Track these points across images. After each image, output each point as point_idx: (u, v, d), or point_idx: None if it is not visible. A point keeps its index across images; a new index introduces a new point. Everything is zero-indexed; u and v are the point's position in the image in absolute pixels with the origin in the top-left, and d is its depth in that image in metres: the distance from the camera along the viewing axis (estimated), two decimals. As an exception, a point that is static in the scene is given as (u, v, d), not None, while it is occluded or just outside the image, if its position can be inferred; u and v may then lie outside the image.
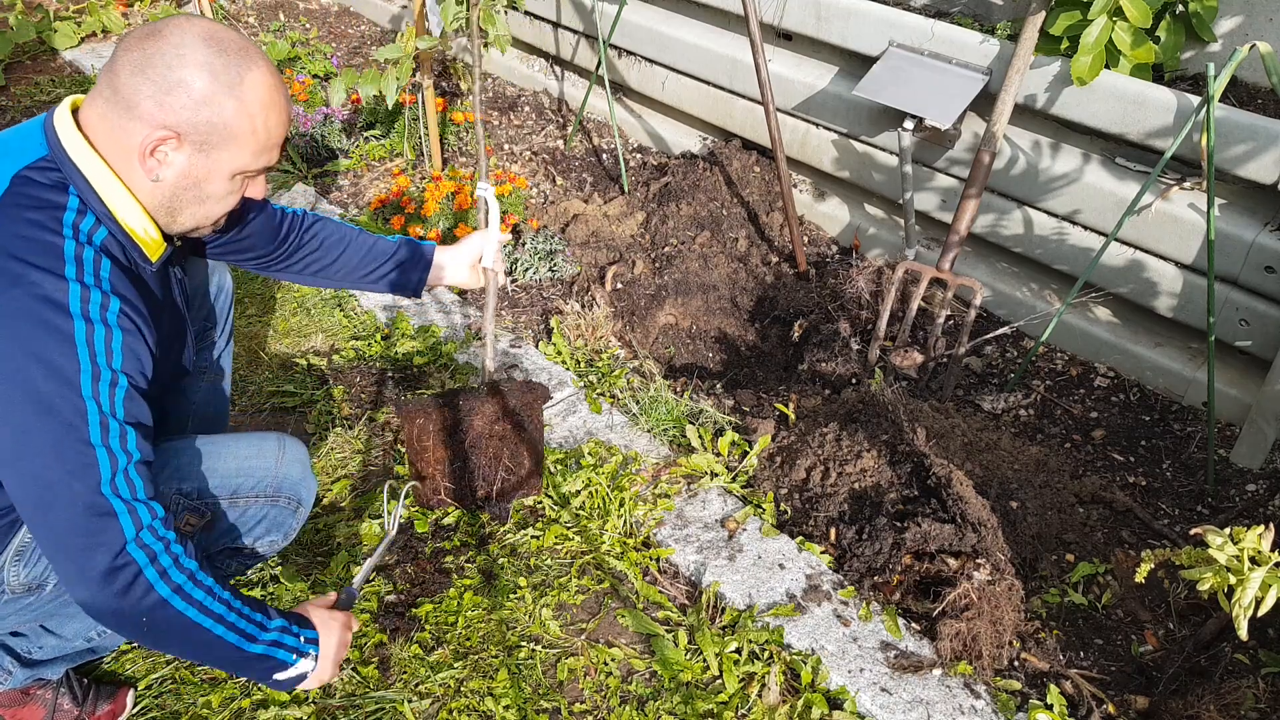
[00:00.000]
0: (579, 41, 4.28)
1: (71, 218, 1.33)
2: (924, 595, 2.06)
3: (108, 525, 1.27)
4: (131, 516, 1.30)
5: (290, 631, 1.47)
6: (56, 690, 1.78)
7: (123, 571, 1.28)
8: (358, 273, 1.99)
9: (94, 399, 1.27)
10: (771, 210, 3.56)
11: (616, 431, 2.56)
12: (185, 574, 1.34)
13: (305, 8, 5.73)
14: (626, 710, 1.86)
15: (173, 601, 1.32)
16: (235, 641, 1.38)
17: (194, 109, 1.33)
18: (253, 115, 1.37)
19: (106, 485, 1.28)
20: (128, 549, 1.29)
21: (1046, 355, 3.02)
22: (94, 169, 1.36)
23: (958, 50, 2.93)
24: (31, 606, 1.59)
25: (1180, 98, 2.52)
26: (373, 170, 3.98)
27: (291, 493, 1.73)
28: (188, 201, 1.43)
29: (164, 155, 1.36)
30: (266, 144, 1.42)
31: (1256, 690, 1.86)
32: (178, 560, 1.34)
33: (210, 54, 1.33)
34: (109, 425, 1.29)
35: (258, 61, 1.38)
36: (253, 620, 1.42)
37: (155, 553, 1.32)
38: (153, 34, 1.33)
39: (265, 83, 1.38)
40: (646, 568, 2.18)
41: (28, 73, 4.97)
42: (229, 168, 1.40)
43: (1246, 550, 1.60)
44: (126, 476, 1.30)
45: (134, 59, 1.32)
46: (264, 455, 1.73)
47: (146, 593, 1.30)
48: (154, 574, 1.31)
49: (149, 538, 1.31)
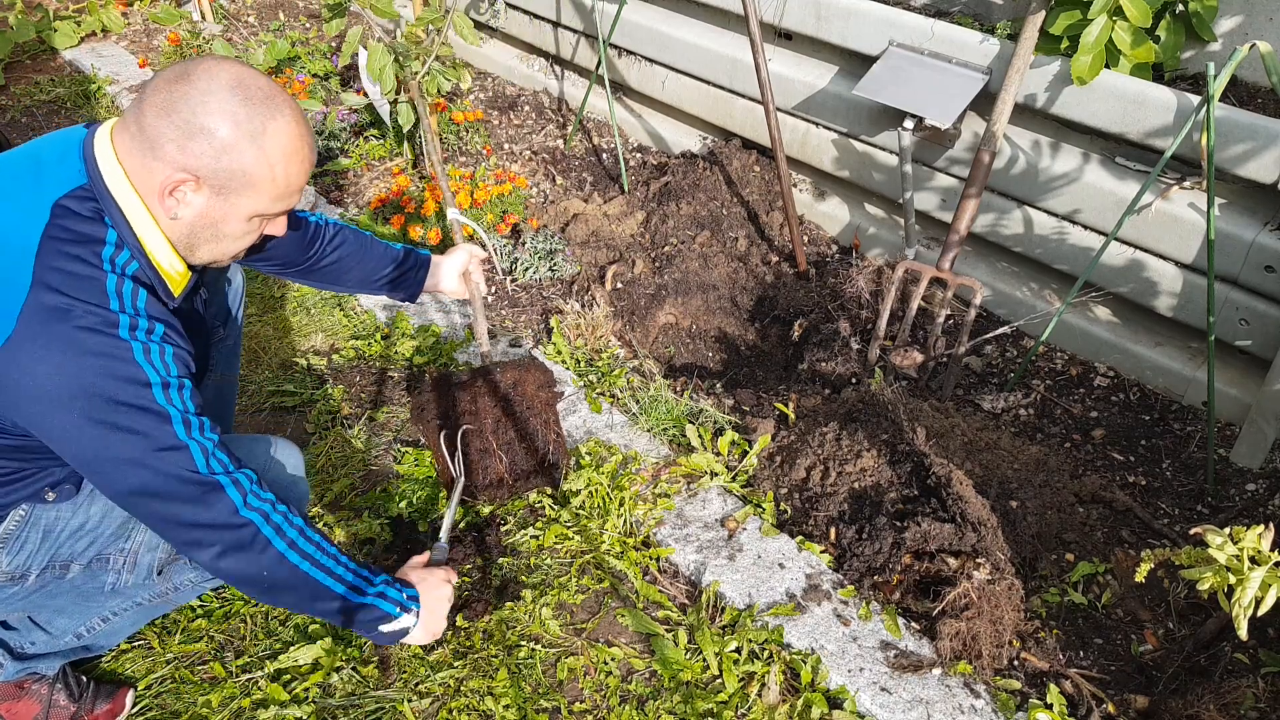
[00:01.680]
0: (579, 41, 4.28)
1: (110, 252, 1.38)
2: (924, 595, 2.06)
3: (218, 497, 1.41)
4: (236, 486, 1.43)
5: (394, 586, 1.62)
6: (52, 686, 1.79)
7: (243, 530, 1.43)
8: (364, 279, 2.06)
9: (169, 403, 1.38)
10: (771, 210, 3.56)
11: (616, 431, 2.56)
12: (296, 529, 1.49)
13: (305, 7, 5.73)
14: (626, 710, 1.86)
15: (289, 555, 1.46)
16: (343, 592, 1.52)
17: (215, 156, 1.37)
18: (273, 164, 1.41)
19: (204, 467, 1.40)
20: (241, 512, 1.43)
21: (1046, 355, 3.02)
22: (130, 204, 1.41)
23: (958, 50, 2.93)
24: (17, 596, 1.60)
25: (1180, 97, 2.52)
26: (373, 170, 3.98)
27: (280, 494, 1.73)
28: (205, 239, 1.47)
29: (183, 195, 1.40)
30: (286, 191, 1.46)
31: (1256, 690, 1.86)
32: (286, 517, 1.48)
33: (235, 103, 1.36)
34: (189, 421, 1.40)
35: (283, 110, 1.41)
36: (359, 574, 1.56)
37: (266, 513, 1.45)
38: (182, 76, 1.36)
39: (288, 132, 1.41)
40: (646, 567, 2.18)
41: (27, 72, 4.97)
42: (246, 211, 1.44)
43: (1246, 550, 1.60)
44: (216, 457, 1.42)
45: (161, 101, 1.36)
46: (254, 456, 1.77)
47: (265, 548, 1.44)
48: (270, 530, 1.45)
49: (255, 500, 1.45)
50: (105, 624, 1.75)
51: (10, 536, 1.54)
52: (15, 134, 4.30)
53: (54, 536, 1.59)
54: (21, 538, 1.56)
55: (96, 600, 1.70)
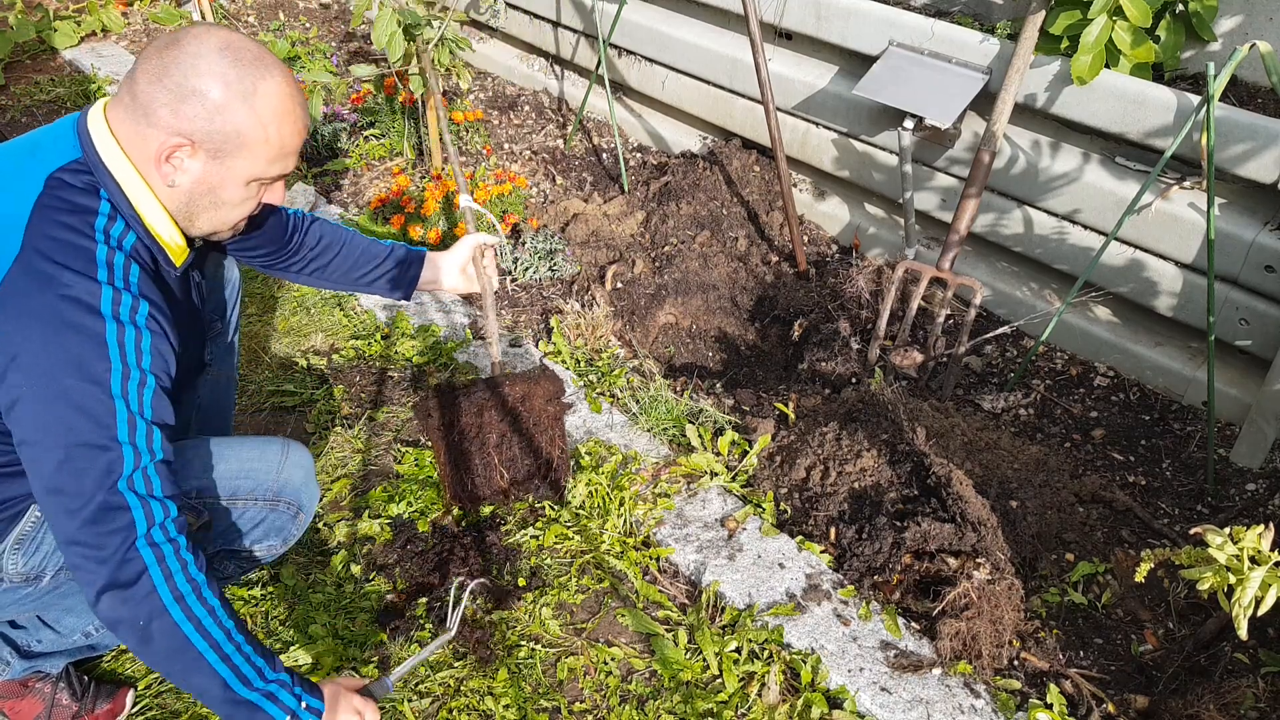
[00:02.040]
0: (579, 41, 4.28)
1: (103, 223, 1.37)
2: (924, 595, 2.06)
3: (120, 518, 1.28)
4: (145, 514, 1.31)
5: (291, 690, 1.37)
6: (55, 685, 1.79)
7: (129, 566, 1.28)
8: (352, 274, 2.03)
9: (123, 397, 1.31)
10: (771, 209, 3.56)
11: (616, 431, 2.56)
12: (190, 584, 1.32)
13: (305, 7, 5.73)
14: (626, 709, 1.86)
15: (172, 611, 1.29)
16: (226, 676, 1.31)
17: (208, 118, 1.36)
18: (265, 124, 1.40)
19: (124, 481, 1.29)
20: (136, 545, 1.29)
21: (1046, 355, 3.02)
22: (125, 173, 1.40)
23: (958, 49, 2.93)
24: (30, 597, 1.59)
25: (1180, 97, 2.52)
26: (373, 170, 3.98)
27: (292, 498, 1.73)
28: (204, 207, 1.46)
29: (179, 161, 1.40)
30: (280, 152, 1.45)
31: (1256, 689, 1.86)
32: (185, 567, 1.32)
33: (225, 64, 1.36)
34: (136, 423, 1.32)
35: (273, 71, 1.41)
36: (252, 661, 1.35)
37: (164, 554, 1.31)
38: (171, 43, 1.37)
39: (279, 92, 1.41)
40: (646, 567, 2.18)
41: (27, 72, 4.97)
42: (243, 175, 1.44)
43: (1246, 550, 1.60)
44: (145, 474, 1.32)
45: (152, 67, 1.36)
46: (266, 459, 1.72)
47: (149, 594, 1.29)
48: (160, 575, 1.30)
49: (160, 536, 1.31)
50: None
51: (26, 537, 1.53)
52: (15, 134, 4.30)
53: None
54: (37, 539, 1.54)
55: None
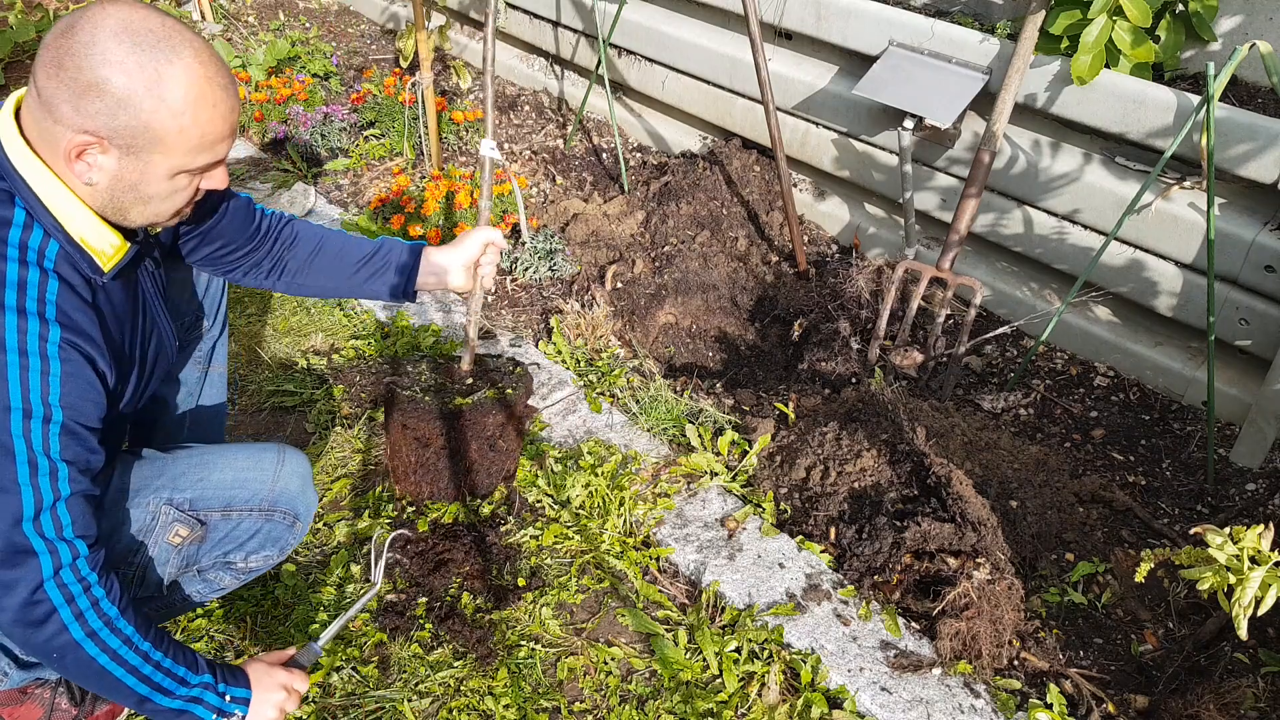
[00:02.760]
0: (579, 40, 4.28)
1: (18, 235, 1.26)
2: (924, 594, 2.06)
3: (25, 561, 1.26)
4: (51, 555, 1.27)
5: (214, 690, 1.44)
6: (54, 690, 1.78)
7: (38, 608, 1.27)
8: (337, 277, 1.86)
9: (23, 437, 1.23)
10: (771, 209, 3.56)
11: (616, 431, 2.56)
12: (102, 619, 1.32)
13: (305, 6, 5.73)
14: (626, 709, 1.86)
15: (85, 646, 1.31)
16: (147, 693, 1.37)
17: (110, 113, 1.23)
18: (178, 114, 1.25)
19: (28, 523, 1.25)
20: (44, 587, 1.27)
21: (1046, 354, 3.02)
22: (38, 176, 1.28)
23: (958, 49, 2.93)
24: None
25: (1180, 97, 2.52)
26: (372, 169, 3.98)
27: (289, 507, 1.69)
28: (130, 202, 1.34)
29: (92, 159, 1.27)
30: (202, 142, 1.30)
31: (1256, 689, 1.87)
32: (97, 604, 1.32)
33: (125, 49, 1.21)
34: (37, 463, 1.25)
35: (180, 52, 1.25)
36: (172, 674, 1.40)
37: (73, 594, 1.29)
38: (67, 29, 1.22)
39: (190, 75, 1.25)
40: (646, 567, 2.18)
41: (27, 71, 4.96)
42: (164, 169, 1.30)
43: (1246, 549, 1.60)
44: (53, 513, 1.27)
45: (49, 58, 1.22)
46: (261, 467, 1.68)
47: (59, 632, 1.29)
48: (69, 615, 1.29)
49: (69, 577, 1.29)
50: None
51: None
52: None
53: None
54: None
55: None
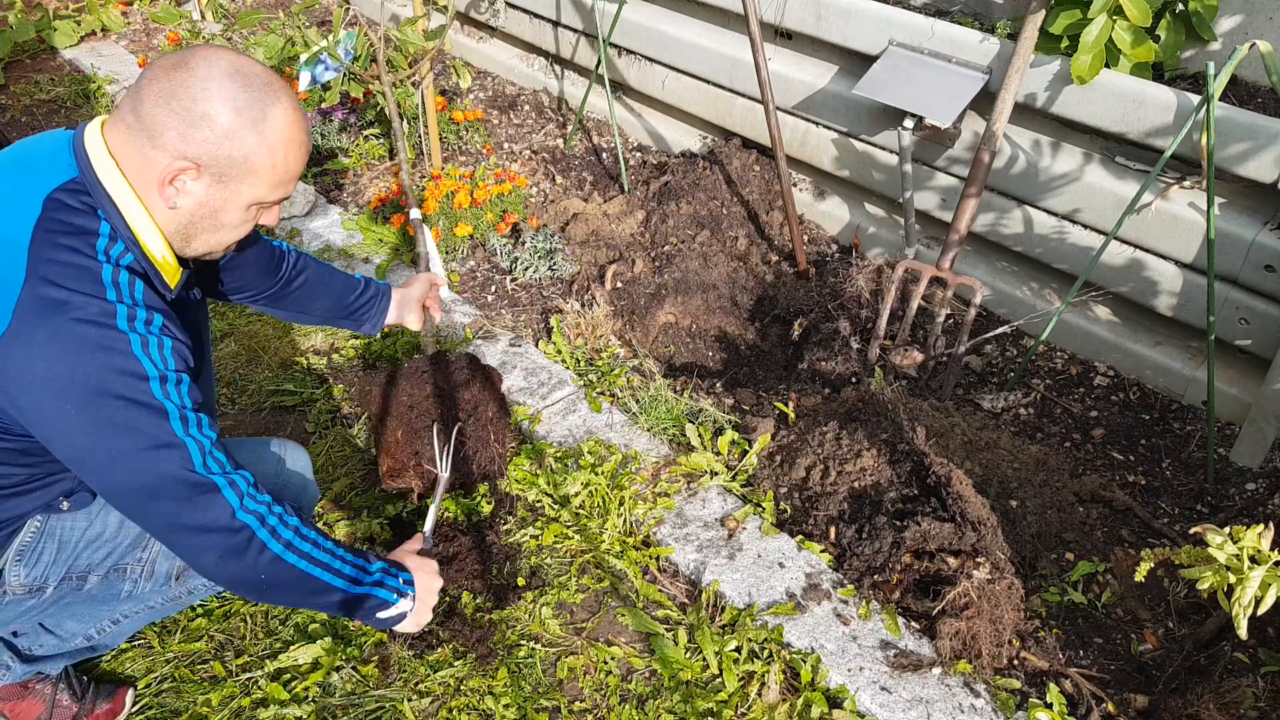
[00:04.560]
0: (579, 40, 4.27)
1: (104, 244, 1.36)
2: (924, 594, 2.06)
3: (215, 500, 1.38)
4: (232, 488, 1.40)
5: (391, 574, 1.59)
6: (55, 686, 1.79)
7: (238, 535, 1.39)
8: (334, 308, 2.04)
9: (167, 398, 1.35)
10: (771, 209, 3.56)
11: (616, 430, 2.56)
12: (291, 530, 1.46)
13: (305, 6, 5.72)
14: (626, 709, 1.86)
15: (285, 556, 1.43)
16: (343, 586, 1.51)
17: (216, 143, 1.36)
18: (274, 150, 1.40)
19: (201, 467, 1.37)
20: (238, 515, 1.39)
21: (1046, 354, 3.02)
22: (123, 195, 1.39)
23: (958, 49, 2.93)
24: (35, 609, 1.59)
25: (1180, 96, 2.52)
26: (373, 169, 3.98)
27: (292, 500, 1.75)
28: (203, 229, 1.46)
29: (183, 184, 1.39)
30: (284, 178, 1.45)
31: (1256, 689, 1.87)
32: (282, 518, 1.45)
33: (236, 89, 1.35)
34: (187, 417, 1.37)
35: (281, 97, 1.40)
36: (356, 565, 1.54)
37: (261, 515, 1.42)
38: (180, 65, 1.35)
39: (288, 118, 1.41)
40: (646, 566, 2.18)
41: (27, 71, 4.97)
42: (246, 199, 1.43)
43: (1246, 549, 1.60)
44: (213, 456, 1.39)
45: (160, 89, 1.34)
46: (264, 462, 1.74)
47: (261, 551, 1.41)
48: (266, 534, 1.42)
49: (251, 503, 1.42)
50: (116, 626, 1.75)
51: (27, 549, 1.53)
52: (15, 133, 4.30)
53: (70, 547, 1.57)
54: (38, 549, 1.54)
55: (110, 605, 1.69)
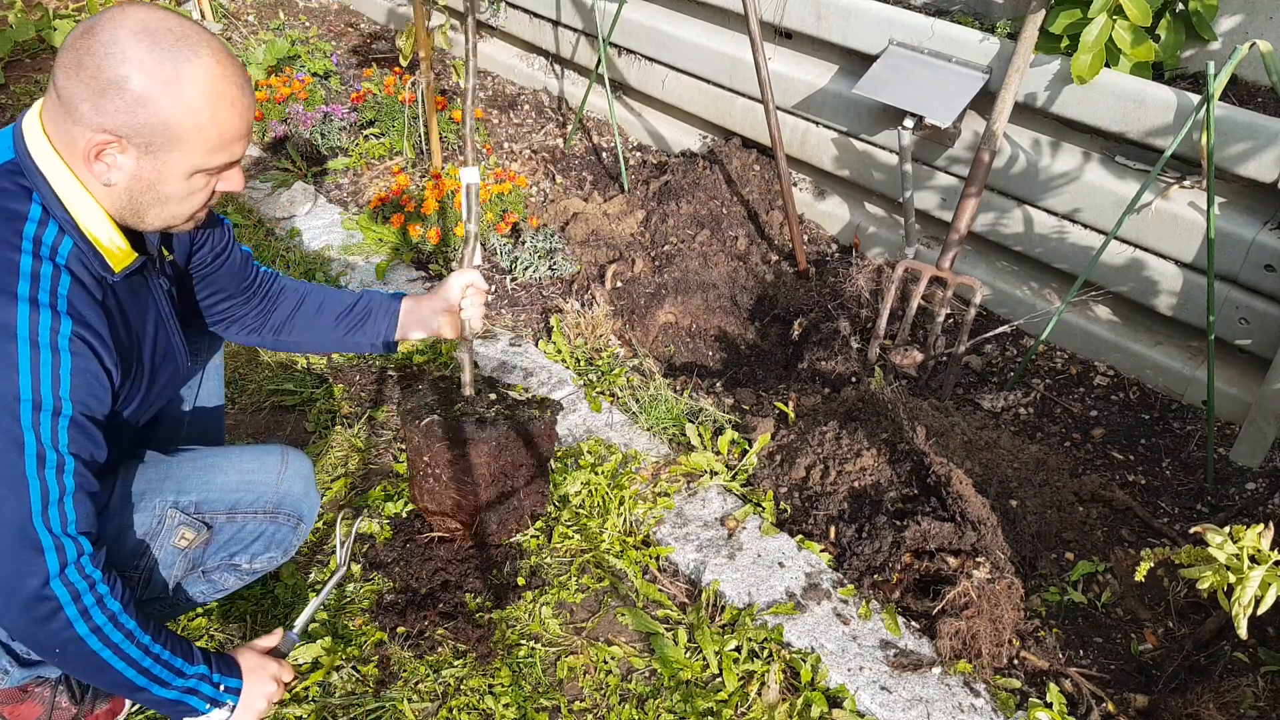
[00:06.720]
0: (579, 40, 4.27)
1: (33, 229, 1.28)
2: (924, 594, 2.06)
3: (33, 558, 1.26)
4: (58, 551, 1.28)
5: (209, 680, 1.48)
6: (55, 688, 1.78)
7: (44, 604, 1.28)
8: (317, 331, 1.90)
9: (33, 429, 1.24)
10: (771, 209, 3.56)
11: (616, 430, 2.56)
12: (106, 615, 1.34)
13: (305, 6, 5.73)
14: (626, 708, 1.87)
15: (89, 641, 1.32)
16: (145, 685, 1.40)
17: (130, 111, 1.26)
18: (196, 112, 1.28)
19: (37, 517, 1.25)
20: (51, 584, 1.28)
21: (1046, 354, 3.02)
22: (57, 174, 1.31)
23: (958, 49, 2.93)
24: None
25: (1180, 96, 2.52)
26: (373, 169, 3.98)
27: (292, 509, 1.71)
28: (148, 203, 1.36)
29: (112, 159, 1.30)
30: (220, 141, 1.33)
31: (1256, 688, 1.87)
32: (101, 601, 1.33)
33: (143, 49, 1.25)
34: (45, 456, 1.25)
35: (199, 51, 1.28)
36: (170, 666, 1.43)
37: (79, 591, 1.31)
38: (87, 31, 1.25)
39: (209, 74, 1.28)
40: (646, 566, 2.18)
41: (27, 71, 4.97)
42: (182, 169, 1.33)
43: (1246, 549, 1.60)
44: (60, 509, 1.28)
45: (69, 59, 1.26)
46: (265, 469, 1.70)
47: (65, 628, 1.30)
48: (75, 612, 1.30)
49: (74, 574, 1.30)
50: None
51: None
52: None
53: None
54: None
55: None
